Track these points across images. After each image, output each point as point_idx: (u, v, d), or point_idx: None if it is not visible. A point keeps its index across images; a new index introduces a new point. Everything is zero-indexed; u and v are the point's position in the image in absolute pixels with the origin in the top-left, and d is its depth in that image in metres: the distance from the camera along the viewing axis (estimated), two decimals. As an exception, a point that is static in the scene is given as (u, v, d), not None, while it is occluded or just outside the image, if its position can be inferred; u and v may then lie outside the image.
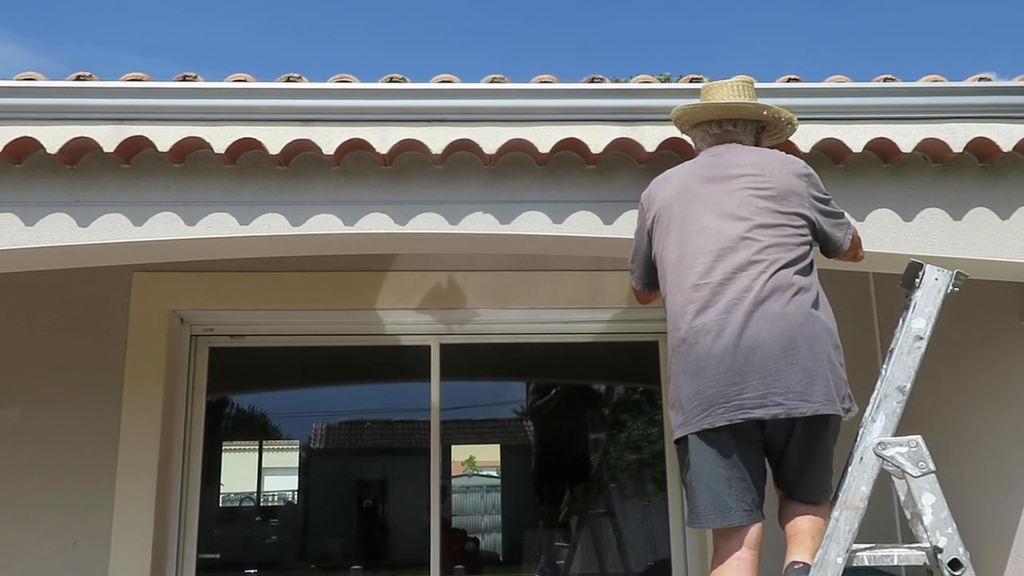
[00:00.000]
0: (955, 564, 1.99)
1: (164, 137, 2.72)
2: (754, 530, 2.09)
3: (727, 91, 2.51)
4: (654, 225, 2.38)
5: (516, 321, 4.63)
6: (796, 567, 2.06)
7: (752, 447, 2.13)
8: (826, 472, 2.18)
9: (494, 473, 6.03)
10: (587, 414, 5.41)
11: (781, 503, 2.24)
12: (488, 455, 6.13)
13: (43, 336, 4.20)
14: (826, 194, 2.41)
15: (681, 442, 2.17)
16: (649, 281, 2.48)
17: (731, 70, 2.89)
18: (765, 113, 2.51)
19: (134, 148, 2.78)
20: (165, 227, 2.80)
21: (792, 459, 2.16)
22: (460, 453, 5.86)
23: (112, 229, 2.79)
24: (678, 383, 2.16)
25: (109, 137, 2.71)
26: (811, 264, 2.25)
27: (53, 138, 2.70)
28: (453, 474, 5.54)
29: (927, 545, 2.02)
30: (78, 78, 2.77)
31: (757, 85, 2.83)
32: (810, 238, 2.30)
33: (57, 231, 2.77)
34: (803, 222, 2.28)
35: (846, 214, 2.53)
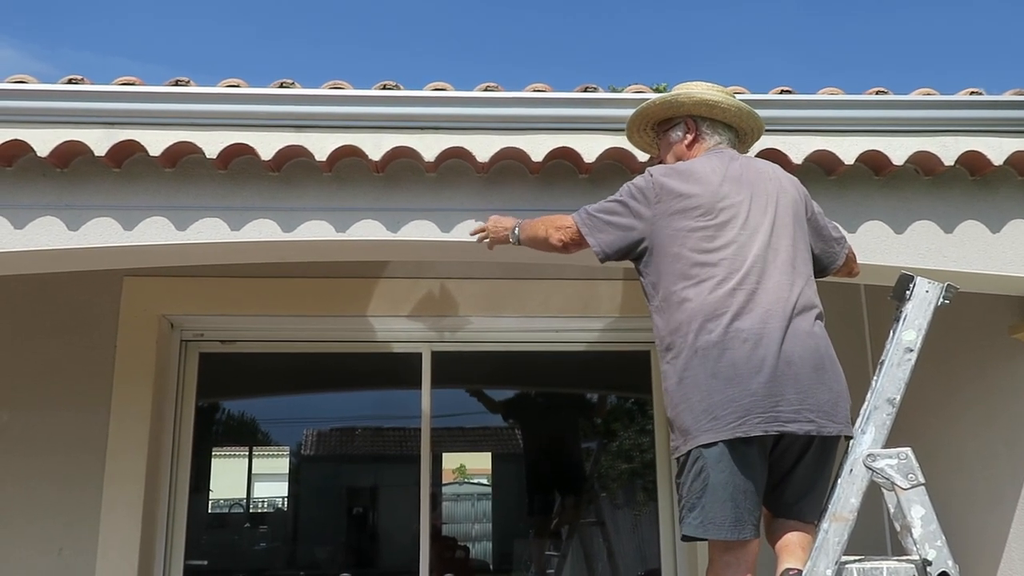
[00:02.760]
0: (944, 577, 1.98)
1: (156, 142, 2.71)
2: (755, 545, 2.08)
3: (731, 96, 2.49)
4: (674, 217, 2.21)
5: (508, 329, 4.62)
6: (791, 573, 2.06)
7: (765, 463, 2.11)
8: (824, 494, 2.16)
9: (485, 481, 6.01)
10: (579, 423, 5.40)
11: (767, 522, 2.22)
12: (479, 463, 6.12)
13: (31, 341, 4.17)
14: (820, 211, 2.43)
15: (699, 449, 2.07)
16: (614, 256, 2.30)
17: (725, 81, 2.90)
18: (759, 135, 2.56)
19: (125, 152, 2.77)
20: (156, 232, 2.79)
21: (800, 479, 2.15)
22: (451, 461, 5.86)
23: (102, 233, 2.77)
24: (707, 387, 2.06)
25: (100, 141, 2.70)
26: None
27: (44, 141, 2.69)
28: (444, 482, 5.53)
29: (916, 558, 2.02)
30: (70, 81, 2.76)
31: (750, 96, 2.85)
32: None
33: (47, 234, 2.76)
34: (808, 240, 2.31)
35: (840, 228, 2.54)
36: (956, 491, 3.58)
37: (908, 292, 2.23)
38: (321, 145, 2.75)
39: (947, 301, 2.22)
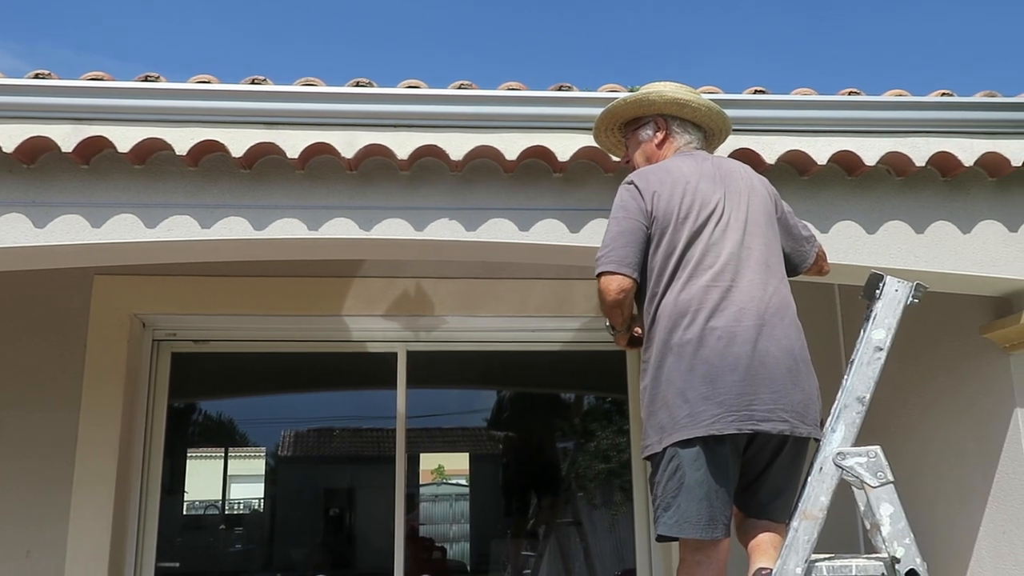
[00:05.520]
0: (912, 575, 1.99)
1: (125, 138, 2.67)
2: (726, 544, 2.08)
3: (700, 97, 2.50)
4: (660, 217, 2.20)
5: (484, 329, 4.61)
6: (763, 573, 2.07)
7: (738, 463, 2.11)
8: (796, 494, 2.17)
9: (463, 482, 6.00)
10: (555, 424, 5.41)
11: (738, 522, 2.22)
12: (458, 464, 6.10)
13: (-1, 340, 4.11)
14: (790, 211, 2.44)
15: (675, 448, 2.06)
16: (639, 267, 2.19)
17: (697, 81, 2.90)
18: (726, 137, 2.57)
19: (94, 148, 2.73)
20: (125, 229, 2.75)
21: (773, 479, 2.15)
22: (429, 462, 5.84)
23: (70, 231, 2.73)
24: (682, 384, 2.05)
25: (68, 137, 2.66)
26: None
27: (10, 137, 2.64)
28: (422, 483, 5.52)
29: (885, 556, 2.03)
30: (36, 76, 2.71)
31: (723, 96, 2.85)
32: None
33: (13, 232, 2.71)
34: (779, 240, 2.33)
35: (811, 227, 2.54)
36: (925, 488, 3.61)
37: (878, 291, 2.24)
38: (293, 142, 2.72)
39: (916, 300, 2.23)
